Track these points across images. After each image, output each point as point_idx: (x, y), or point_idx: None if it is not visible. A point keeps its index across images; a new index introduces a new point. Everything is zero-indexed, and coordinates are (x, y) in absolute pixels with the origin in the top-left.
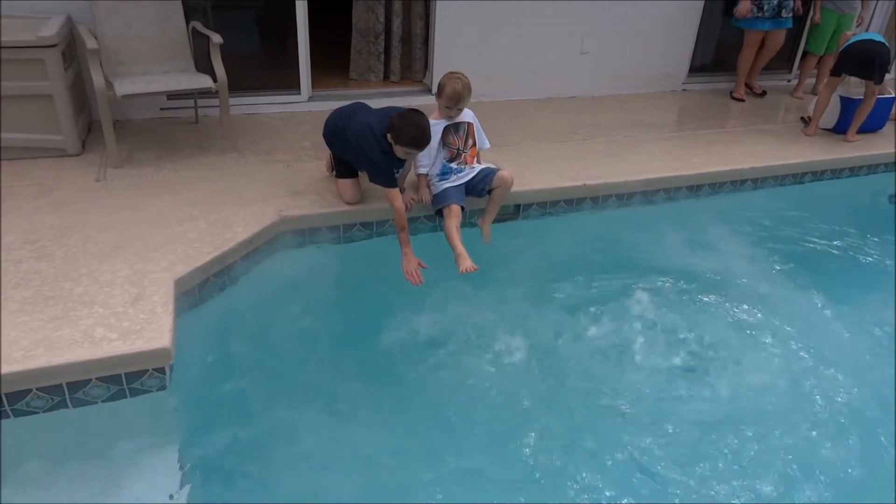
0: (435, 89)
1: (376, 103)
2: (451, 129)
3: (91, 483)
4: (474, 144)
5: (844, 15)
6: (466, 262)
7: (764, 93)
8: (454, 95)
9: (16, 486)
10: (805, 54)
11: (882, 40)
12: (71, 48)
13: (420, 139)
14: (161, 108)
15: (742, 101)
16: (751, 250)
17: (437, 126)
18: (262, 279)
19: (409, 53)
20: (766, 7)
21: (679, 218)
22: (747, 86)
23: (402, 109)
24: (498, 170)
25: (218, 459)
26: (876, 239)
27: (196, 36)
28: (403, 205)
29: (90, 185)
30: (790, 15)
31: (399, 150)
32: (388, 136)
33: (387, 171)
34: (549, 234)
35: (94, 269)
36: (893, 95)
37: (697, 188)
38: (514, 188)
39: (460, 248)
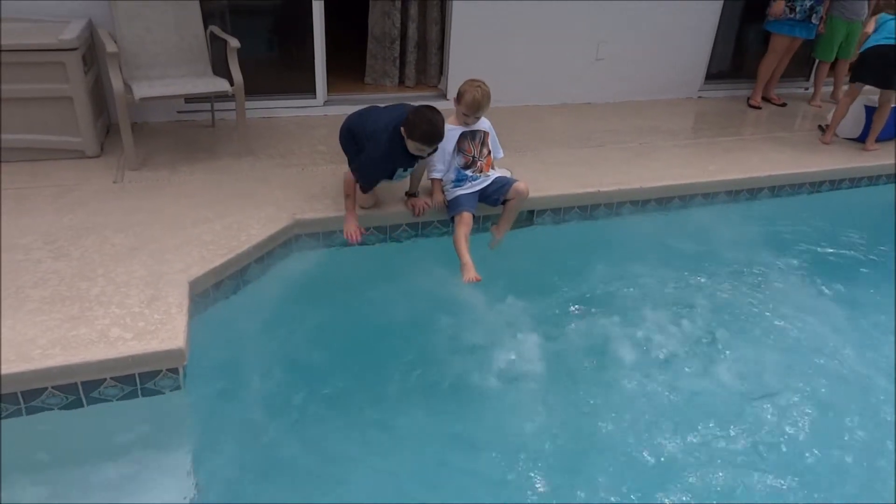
0: (450, 95)
1: None
2: (468, 136)
3: (102, 482)
4: (490, 153)
5: (853, 22)
6: (470, 273)
7: (784, 104)
8: (473, 104)
9: (26, 484)
10: (817, 62)
11: None
12: (91, 51)
13: (431, 134)
14: (178, 112)
15: (759, 108)
16: (767, 258)
17: (453, 132)
18: (277, 281)
19: (425, 59)
20: (798, 9)
21: (694, 225)
22: (765, 98)
23: (418, 105)
24: (514, 181)
25: (230, 460)
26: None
27: (213, 40)
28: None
29: (108, 187)
30: (818, 22)
31: (411, 145)
32: (402, 129)
33: (374, 172)
34: (563, 239)
35: (110, 270)
36: None
37: (713, 196)
38: (529, 194)
39: (467, 258)
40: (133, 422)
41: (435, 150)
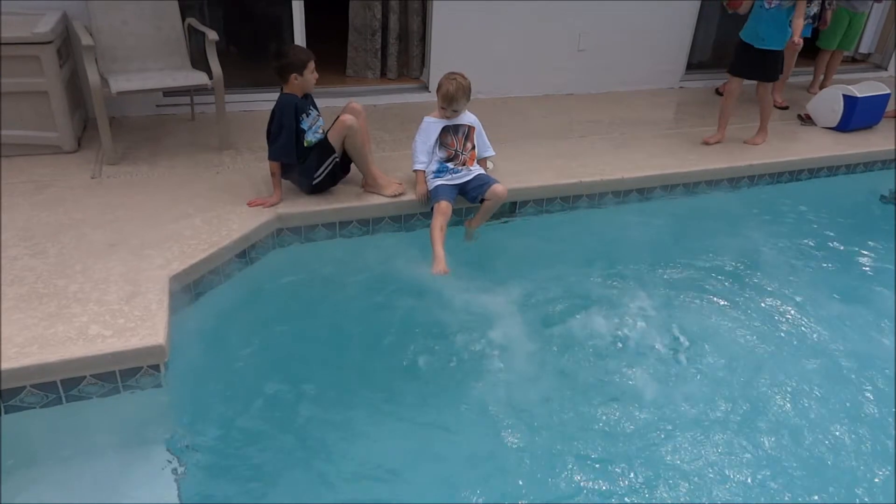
0: (432, 87)
1: (373, 100)
2: (451, 129)
3: (84, 481)
4: (474, 148)
5: (857, 13)
6: (439, 266)
7: (786, 107)
8: (447, 96)
9: (9, 484)
10: (818, 50)
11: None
12: (66, 45)
13: (300, 48)
14: (157, 105)
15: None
16: (746, 247)
17: (434, 124)
18: (258, 276)
19: (406, 50)
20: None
21: (676, 215)
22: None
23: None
24: (494, 182)
25: (213, 458)
26: (869, 237)
27: (192, 32)
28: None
29: (86, 183)
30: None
31: (308, 75)
32: (292, 79)
33: (285, 135)
34: (545, 230)
35: (88, 267)
36: (889, 92)
37: (694, 185)
38: (511, 185)
39: (439, 249)
40: (115, 419)
41: (313, 68)
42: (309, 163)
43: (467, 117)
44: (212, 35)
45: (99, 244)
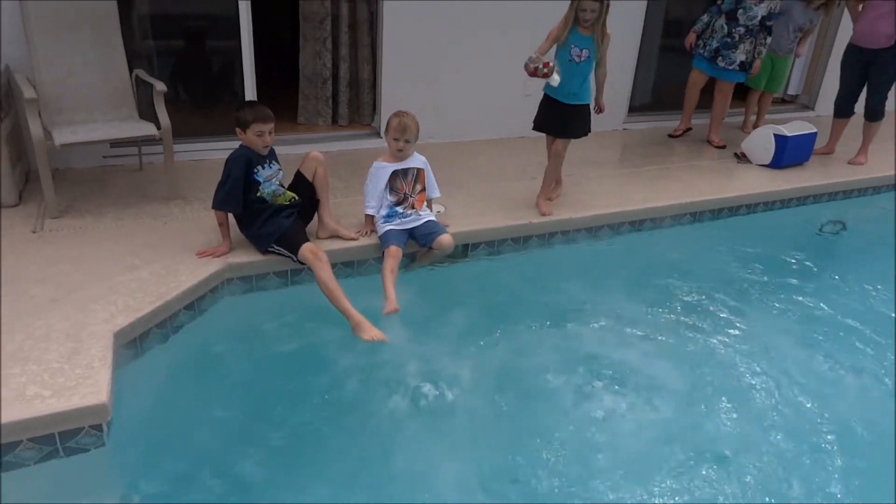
0: (384, 133)
1: (325, 147)
2: (400, 174)
3: None
4: (423, 190)
5: (778, 56)
6: (391, 306)
7: (724, 146)
8: (399, 126)
9: None
10: (748, 91)
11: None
12: (8, 98)
13: (256, 107)
14: (104, 156)
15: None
16: (693, 282)
17: (384, 169)
18: (208, 328)
19: (357, 97)
20: (705, 46)
21: (624, 253)
22: (708, 141)
23: None
24: (442, 232)
25: None
26: (807, 266)
27: (140, 83)
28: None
29: (26, 237)
30: (728, 66)
31: (251, 135)
32: (237, 131)
33: (230, 185)
34: (497, 272)
35: (28, 324)
36: (815, 131)
37: (640, 223)
38: (462, 228)
39: (390, 291)
40: (55, 483)
41: (272, 129)
42: (267, 230)
43: (416, 159)
44: (159, 86)
45: (40, 299)
